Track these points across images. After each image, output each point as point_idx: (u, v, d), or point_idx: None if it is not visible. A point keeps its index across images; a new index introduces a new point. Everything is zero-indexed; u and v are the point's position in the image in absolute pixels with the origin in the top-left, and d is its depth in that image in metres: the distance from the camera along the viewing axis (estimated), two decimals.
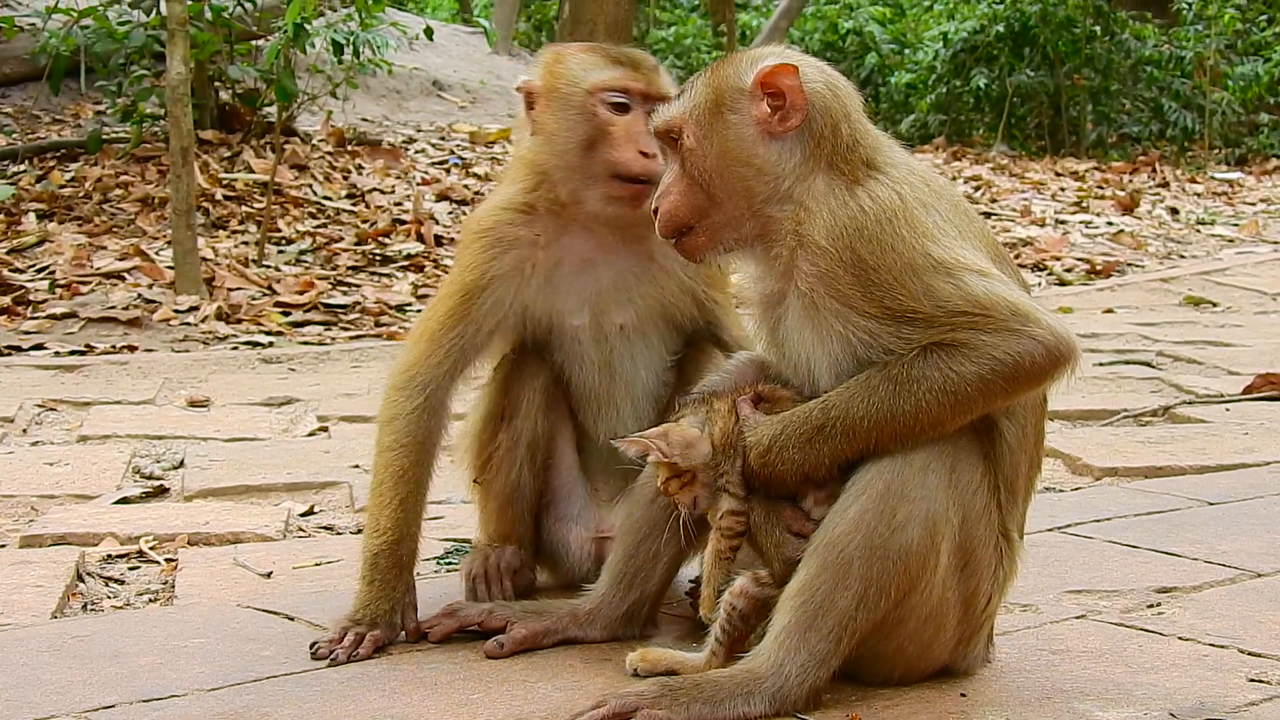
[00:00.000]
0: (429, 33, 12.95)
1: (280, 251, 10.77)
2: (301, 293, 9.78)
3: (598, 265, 3.62)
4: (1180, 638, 3.49)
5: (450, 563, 4.31)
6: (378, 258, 10.90)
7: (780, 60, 3.12)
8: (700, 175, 3.16)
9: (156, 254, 10.31)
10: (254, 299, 9.60)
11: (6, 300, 9.26)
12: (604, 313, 3.64)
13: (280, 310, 9.43)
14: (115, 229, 10.94)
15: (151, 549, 4.60)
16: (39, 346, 8.44)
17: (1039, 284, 11.44)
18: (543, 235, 3.60)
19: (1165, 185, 17.64)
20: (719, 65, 3.22)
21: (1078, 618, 3.65)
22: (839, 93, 3.18)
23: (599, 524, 3.77)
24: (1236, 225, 15.14)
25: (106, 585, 4.31)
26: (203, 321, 9.03)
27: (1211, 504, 4.78)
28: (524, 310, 3.61)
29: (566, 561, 3.82)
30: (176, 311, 9.17)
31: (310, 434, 6.34)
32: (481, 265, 3.58)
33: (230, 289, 9.68)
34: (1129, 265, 12.55)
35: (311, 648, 3.40)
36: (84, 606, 4.12)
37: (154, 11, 11.75)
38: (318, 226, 11.47)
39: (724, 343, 3.73)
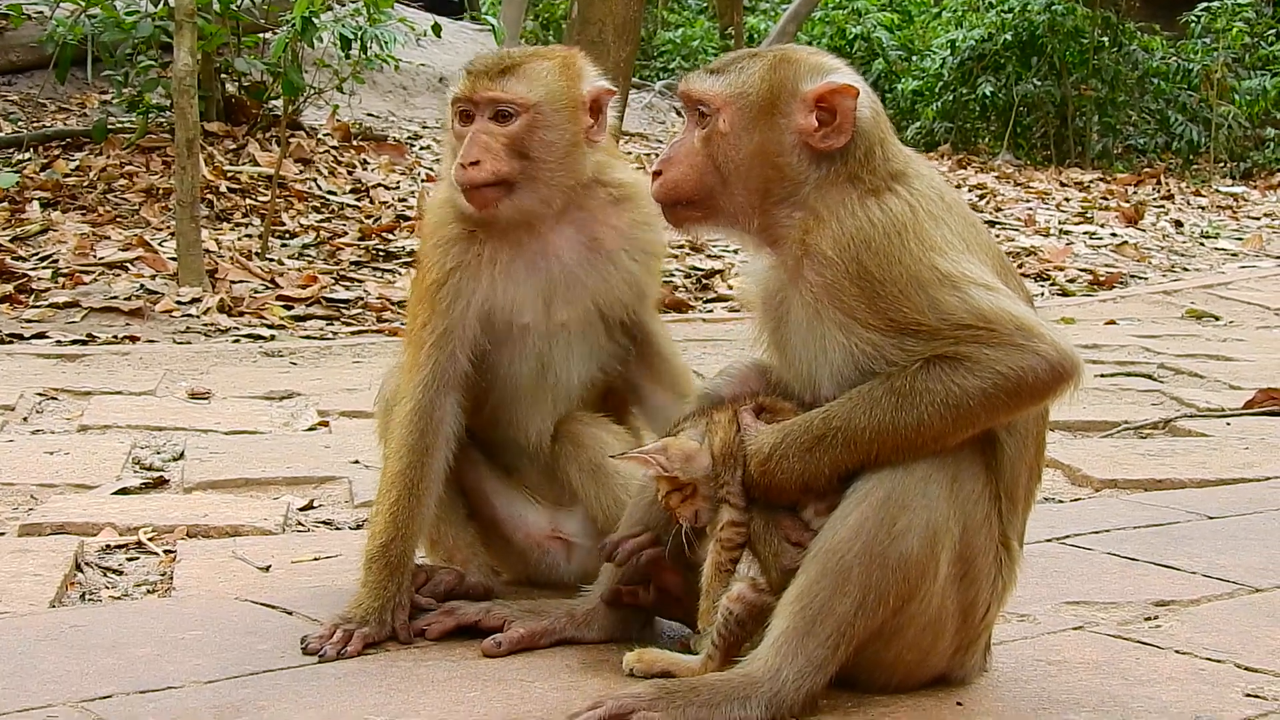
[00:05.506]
0: (437, 29, 12.92)
1: (283, 245, 10.77)
2: (304, 287, 9.78)
3: (549, 258, 3.58)
4: (1177, 651, 3.49)
5: None
6: (381, 253, 10.90)
7: (846, 81, 3.09)
8: (723, 160, 3.12)
9: (160, 245, 10.31)
10: (256, 292, 9.60)
11: (9, 288, 9.26)
12: (552, 309, 3.61)
13: (282, 304, 9.43)
14: (119, 219, 10.94)
15: (150, 540, 4.60)
16: (41, 335, 8.44)
17: (1042, 294, 11.44)
18: (479, 231, 3.57)
19: (1170, 198, 17.65)
20: (780, 62, 3.14)
21: (1075, 629, 3.66)
22: (880, 118, 3.16)
23: (552, 525, 3.79)
24: (1240, 239, 15.14)
25: (105, 575, 4.31)
26: (205, 314, 9.03)
27: (1211, 518, 4.78)
28: (484, 304, 3.57)
29: (528, 564, 3.87)
30: (179, 303, 9.17)
31: (311, 428, 6.33)
32: (438, 262, 3.57)
33: (233, 281, 9.68)
34: (1132, 277, 12.55)
35: (302, 642, 3.40)
36: (82, 596, 4.12)
37: (162, 2, 11.75)
38: (322, 221, 11.47)
39: (646, 337, 3.75)
